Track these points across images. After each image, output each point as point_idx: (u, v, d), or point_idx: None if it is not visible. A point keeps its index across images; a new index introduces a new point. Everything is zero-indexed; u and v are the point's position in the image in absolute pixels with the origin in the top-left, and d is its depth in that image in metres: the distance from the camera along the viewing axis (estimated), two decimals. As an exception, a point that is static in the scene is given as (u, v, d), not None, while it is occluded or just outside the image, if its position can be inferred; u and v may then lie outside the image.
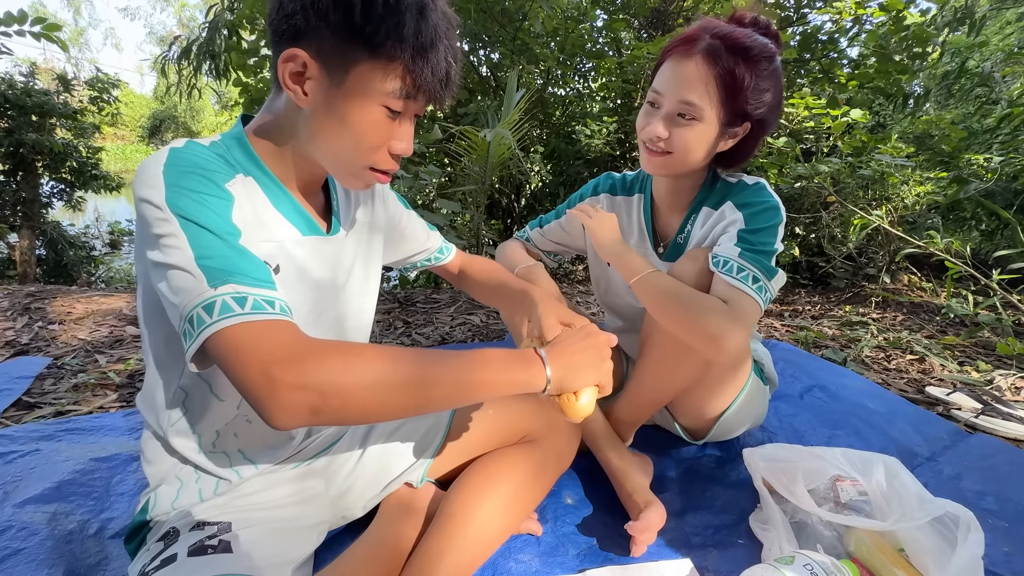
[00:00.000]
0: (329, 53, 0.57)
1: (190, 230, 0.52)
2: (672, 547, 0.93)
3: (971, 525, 0.78)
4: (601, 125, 3.76)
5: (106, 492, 0.98)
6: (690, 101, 0.84)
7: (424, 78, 0.58)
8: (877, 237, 3.03)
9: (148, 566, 0.60)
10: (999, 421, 1.49)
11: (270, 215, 0.65)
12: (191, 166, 0.56)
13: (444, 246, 1.00)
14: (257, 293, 0.52)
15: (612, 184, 1.14)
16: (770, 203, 0.92)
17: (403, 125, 0.63)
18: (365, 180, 0.65)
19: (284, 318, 0.52)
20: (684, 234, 1.01)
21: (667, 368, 0.99)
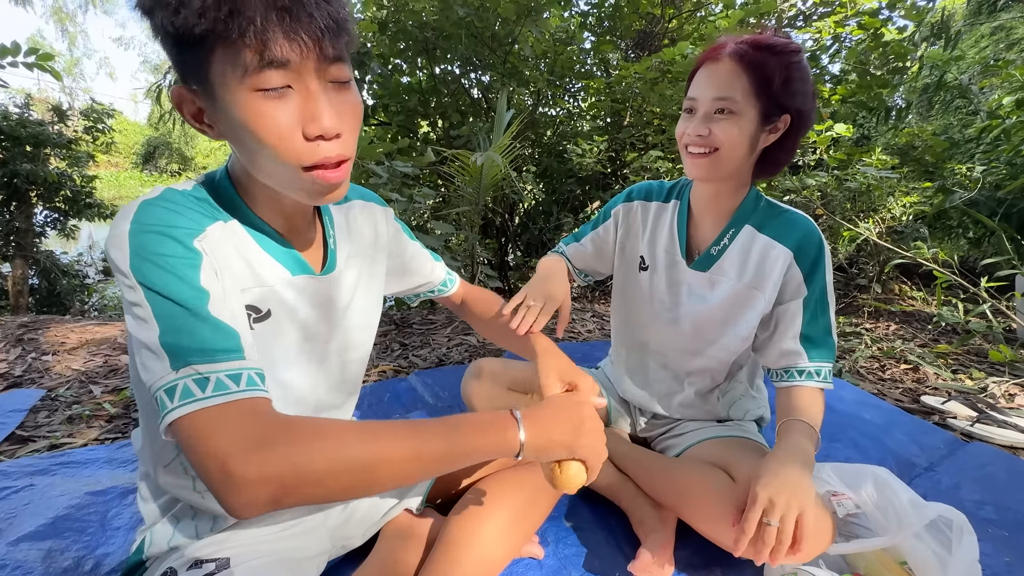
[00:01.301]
0: (188, 74, 0.51)
1: (154, 301, 0.51)
2: (676, 567, 0.92)
3: (964, 528, 0.78)
4: (592, 144, 3.82)
5: (101, 527, 0.97)
6: (724, 96, 0.86)
7: (246, 31, 0.47)
8: (867, 248, 3.07)
9: None
10: (994, 429, 1.50)
11: (257, 257, 0.63)
12: (157, 224, 0.53)
13: (448, 278, 0.99)
14: (221, 370, 0.50)
15: (648, 190, 1.11)
16: (827, 258, 0.95)
17: (302, 101, 0.52)
18: (314, 188, 0.56)
19: (248, 396, 0.50)
20: (719, 246, 1.00)
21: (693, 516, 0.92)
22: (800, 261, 0.93)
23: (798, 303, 0.94)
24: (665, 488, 0.97)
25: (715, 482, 0.88)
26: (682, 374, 1.09)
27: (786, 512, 0.73)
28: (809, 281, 0.93)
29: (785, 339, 0.96)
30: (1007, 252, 2.34)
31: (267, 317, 0.65)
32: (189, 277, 0.52)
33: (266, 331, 0.65)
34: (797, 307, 0.94)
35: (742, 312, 0.99)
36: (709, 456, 0.97)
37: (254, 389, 0.51)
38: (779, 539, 0.72)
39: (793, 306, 0.95)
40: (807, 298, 0.94)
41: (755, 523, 0.74)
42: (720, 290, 1.00)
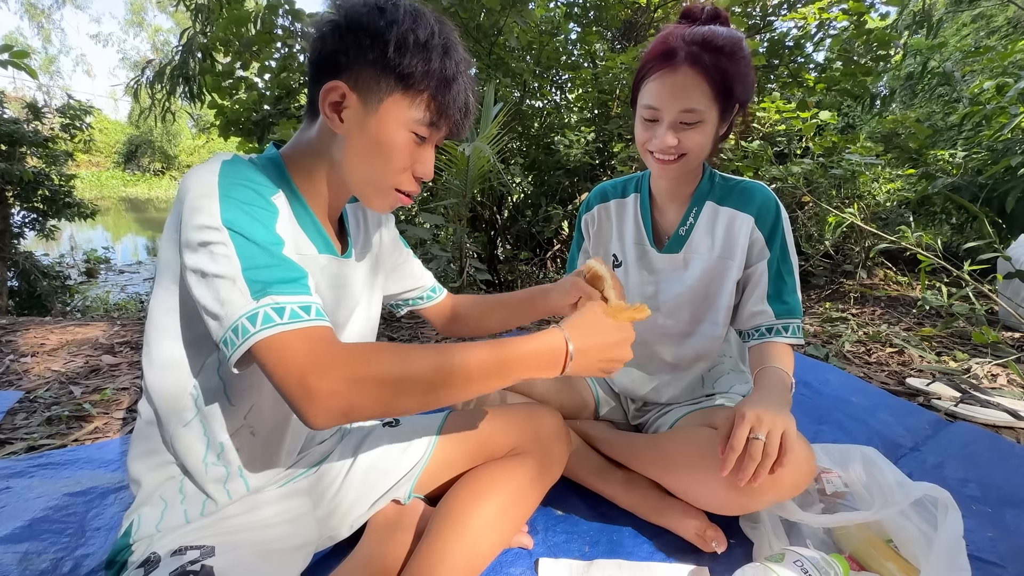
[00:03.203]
0: (365, 84, 0.64)
1: (238, 242, 0.56)
2: (665, 551, 0.92)
3: (948, 506, 0.79)
4: (579, 135, 3.81)
5: (81, 528, 0.95)
6: (691, 108, 0.87)
7: (447, 108, 0.66)
8: (852, 234, 3.10)
9: None
10: (977, 409, 1.52)
11: (295, 232, 0.69)
12: (243, 179, 0.61)
13: (436, 285, 1.03)
14: (295, 301, 0.56)
15: (603, 192, 1.13)
16: (785, 220, 0.97)
17: (426, 151, 0.69)
18: (390, 200, 0.71)
19: (317, 323, 0.56)
20: (686, 226, 1.02)
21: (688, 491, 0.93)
22: (760, 225, 0.97)
23: (763, 265, 0.98)
24: (652, 459, 0.98)
25: (699, 435, 0.90)
26: (672, 360, 1.09)
27: (772, 428, 0.74)
28: (770, 243, 0.97)
29: (752, 300, 0.99)
30: (989, 236, 2.37)
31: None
32: (269, 225, 0.60)
33: None
34: (763, 268, 0.98)
35: (720, 284, 1.01)
36: (698, 421, 0.98)
37: (321, 319, 0.57)
38: (765, 452, 0.73)
39: (759, 268, 0.98)
40: (770, 259, 0.97)
41: (743, 439, 0.74)
42: (694, 267, 1.02)
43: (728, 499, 0.84)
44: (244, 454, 0.72)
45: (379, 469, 0.87)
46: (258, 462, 0.74)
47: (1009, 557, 0.92)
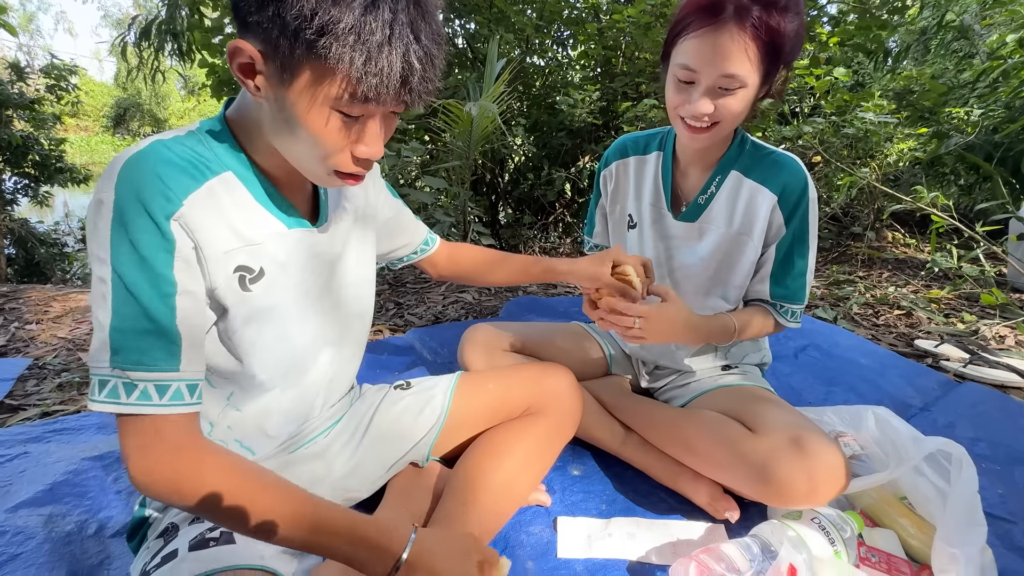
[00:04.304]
0: (275, 49, 0.50)
1: (117, 289, 0.52)
2: (682, 511, 0.94)
3: (963, 461, 0.79)
4: (583, 94, 3.68)
5: (102, 491, 0.96)
6: (732, 73, 0.78)
7: (371, 83, 0.49)
8: (862, 196, 3.05)
9: (149, 564, 0.59)
10: (986, 370, 1.53)
11: (251, 211, 0.61)
12: (139, 194, 0.52)
13: (429, 236, 0.98)
14: (151, 379, 0.53)
15: (622, 147, 1.07)
16: (811, 201, 0.93)
17: (368, 127, 0.56)
18: (331, 183, 0.61)
19: (164, 412, 0.53)
20: (707, 195, 0.97)
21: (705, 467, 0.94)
22: (782, 205, 0.92)
23: (775, 246, 0.95)
24: (672, 439, 0.97)
25: (726, 432, 0.88)
26: None
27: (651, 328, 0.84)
28: (788, 223, 0.93)
29: (756, 278, 0.98)
30: (1003, 196, 2.33)
31: (261, 276, 0.62)
32: (159, 268, 0.53)
33: (263, 290, 0.63)
34: (773, 249, 0.95)
35: (735, 260, 0.98)
36: (719, 406, 0.96)
37: (175, 405, 0.54)
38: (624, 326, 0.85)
39: (772, 250, 0.95)
40: (782, 240, 0.94)
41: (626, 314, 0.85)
42: (709, 240, 0.98)
43: (758, 497, 0.83)
44: (237, 431, 0.70)
45: (396, 432, 0.87)
46: (251, 437, 0.72)
47: (1019, 513, 0.94)
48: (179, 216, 0.54)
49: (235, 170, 0.60)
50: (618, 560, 0.82)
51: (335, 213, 0.73)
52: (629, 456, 1.03)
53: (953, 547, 0.73)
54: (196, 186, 0.56)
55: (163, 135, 0.57)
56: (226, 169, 0.59)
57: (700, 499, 0.92)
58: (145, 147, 0.54)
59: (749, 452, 0.81)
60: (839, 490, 0.77)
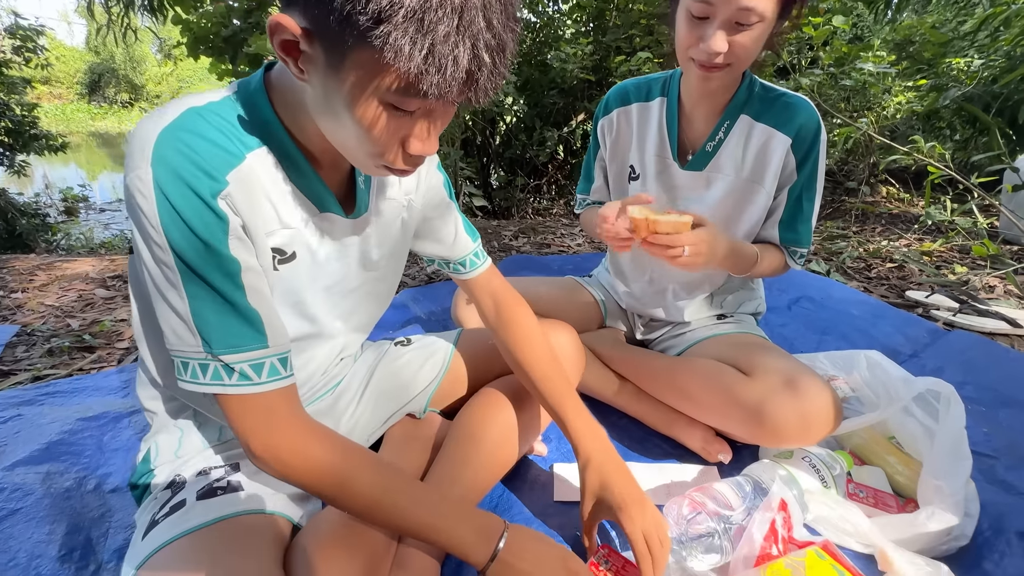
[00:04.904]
0: (325, 30, 0.43)
1: (185, 274, 0.50)
2: (676, 455, 0.95)
3: (951, 399, 0.80)
4: (575, 48, 3.56)
5: (99, 449, 0.96)
6: (750, 6, 0.74)
7: (432, 80, 0.42)
8: (857, 150, 3.01)
9: (158, 514, 0.59)
10: (975, 318, 1.55)
11: (287, 193, 0.57)
12: (183, 174, 0.48)
13: (470, 259, 0.81)
14: (245, 360, 0.53)
15: (623, 93, 1.02)
16: (822, 144, 0.91)
17: (420, 122, 0.49)
18: (379, 173, 0.55)
19: (266, 389, 0.54)
20: (715, 142, 0.93)
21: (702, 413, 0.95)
22: (796, 148, 0.90)
23: (786, 191, 0.93)
24: (668, 388, 0.98)
25: (721, 377, 0.89)
26: (682, 280, 1.07)
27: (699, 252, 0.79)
28: (801, 167, 0.91)
29: (766, 225, 0.96)
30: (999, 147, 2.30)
31: (292, 259, 0.60)
32: (218, 248, 0.50)
33: (290, 272, 0.61)
34: (784, 195, 0.93)
35: (743, 208, 0.95)
36: (713, 353, 0.97)
37: (275, 380, 0.54)
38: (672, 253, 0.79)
39: (784, 195, 0.93)
40: (794, 185, 0.92)
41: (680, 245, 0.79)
42: (717, 189, 0.96)
43: (752, 438, 0.85)
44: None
45: (396, 385, 0.87)
46: None
47: (1002, 450, 0.96)
48: (226, 195, 0.50)
49: (271, 146, 0.55)
50: (613, 502, 0.84)
51: (376, 205, 0.68)
52: (624, 405, 1.04)
53: (939, 479, 0.75)
54: (236, 162, 0.51)
55: (195, 100, 0.52)
56: (262, 144, 0.54)
57: (694, 443, 0.94)
58: (178, 118, 0.49)
59: (743, 395, 0.82)
60: (831, 429, 0.79)
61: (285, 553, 0.59)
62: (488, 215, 3.36)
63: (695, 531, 0.71)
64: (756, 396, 0.81)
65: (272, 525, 0.59)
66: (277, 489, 0.65)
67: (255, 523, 0.58)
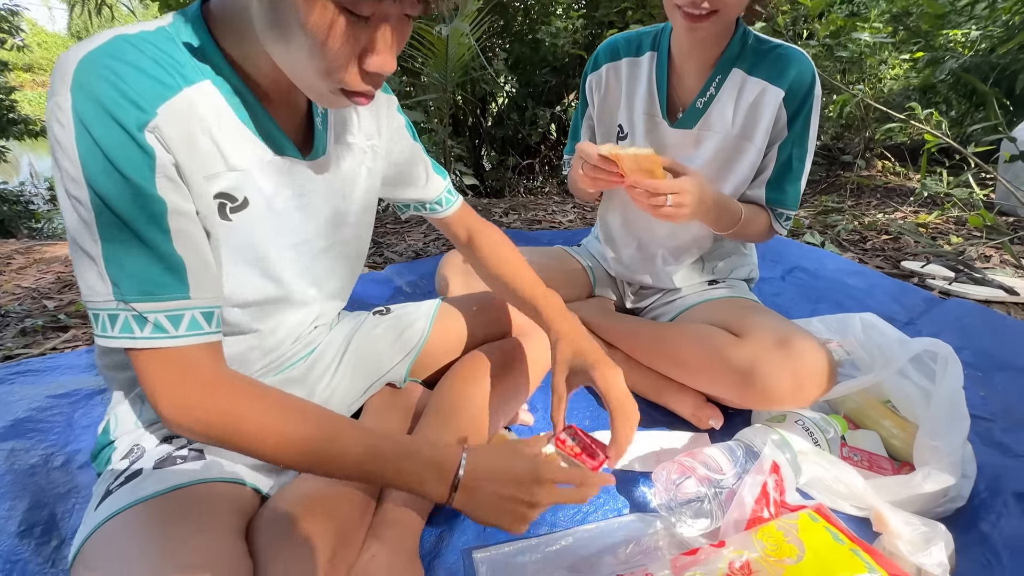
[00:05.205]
0: None
1: (100, 211, 0.45)
2: (666, 422, 0.93)
3: (949, 359, 0.78)
4: (566, 22, 3.48)
5: (69, 426, 0.92)
6: None
7: None
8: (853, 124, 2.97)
9: (112, 484, 0.55)
10: (970, 287, 1.52)
11: (233, 131, 0.52)
12: (104, 101, 0.43)
13: (444, 196, 0.81)
14: (161, 309, 0.48)
15: (613, 48, 0.97)
16: (816, 98, 0.87)
17: (379, 32, 0.46)
18: (338, 102, 0.51)
19: (183, 343, 0.49)
20: (705, 97, 0.89)
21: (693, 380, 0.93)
22: (788, 102, 0.86)
23: (776, 148, 0.89)
24: (657, 354, 0.95)
25: (711, 339, 0.86)
26: (671, 244, 1.03)
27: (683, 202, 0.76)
28: (792, 122, 0.87)
29: (752, 184, 0.92)
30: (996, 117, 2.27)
31: (244, 206, 0.55)
32: (142, 186, 0.46)
33: (245, 222, 0.56)
34: (774, 152, 0.89)
35: (731, 167, 0.92)
36: (704, 317, 0.94)
37: (195, 334, 0.49)
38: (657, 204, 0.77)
39: (774, 152, 0.90)
40: (784, 141, 0.88)
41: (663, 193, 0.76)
42: (707, 147, 0.92)
43: (744, 401, 0.83)
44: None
45: (374, 354, 0.83)
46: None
47: (999, 413, 0.94)
48: (154, 127, 0.45)
49: (215, 80, 0.50)
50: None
51: (335, 147, 0.64)
52: None
53: (935, 440, 0.73)
54: (170, 94, 0.47)
55: (126, 28, 0.47)
56: (204, 78, 0.49)
57: (684, 410, 0.91)
58: (105, 43, 0.45)
59: (734, 356, 0.79)
60: (825, 389, 0.76)
61: (250, 524, 0.55)
62: (479, 194, 3.31)
63: (684, 496, 0.69)
64: (747, 357, 0.78)
65: (234, 494, 0.56)
66: (244, 457, 0.62)
67: (214, 492, 0.54)
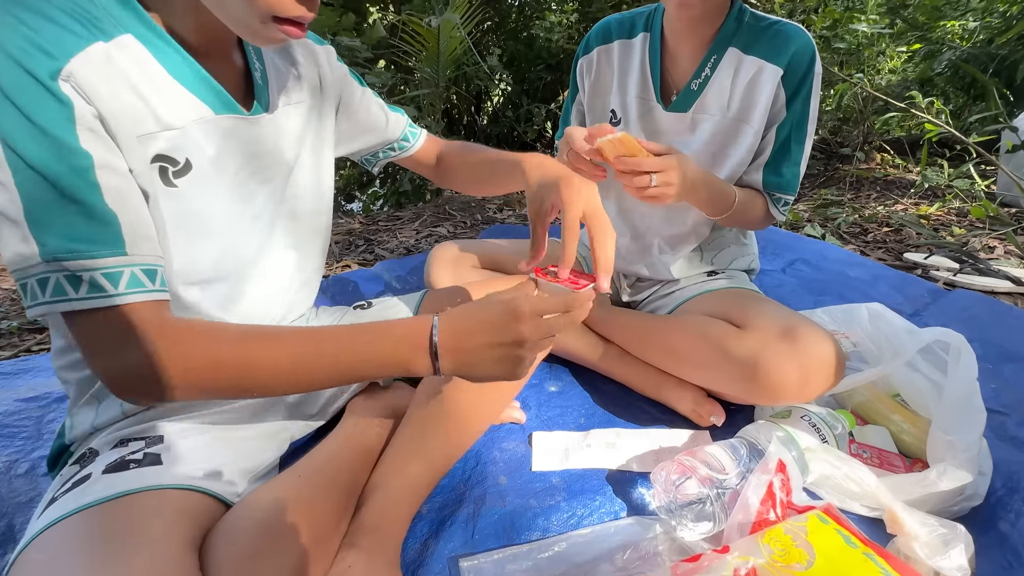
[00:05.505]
0: None
1: (16, 167, 0.41)
2: (664, 420, 0.88)
3: (962, 349, 0.74)
4: (560, 16, 3.44)
5: (37, 432, 0.87)
6: None
7: None
8: (852, 117, 2.94)
9: (58, 491, 0.51)
10: (975, 277, 1.49)
11: (164, 88, 0.49)
12: (4, 47, 0.40)
13: (409, 131, 0.82)
14: (97, 267, 0.43)
15: (606, 29, 0.93)
16: (816, 76, 0.82)
17: None
18: (269, 35, 0.48)
19: (126, 301, 0.45)
20: (700, 79, 0.85)
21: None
22: (787, 80, 0.81)
23: (774, 130, 0.85)
24: (653, 346, 0.91)
25: (711, 331, 0.81)
26: (666, 233, 0.99)
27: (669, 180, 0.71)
28: (791, 102, 0.83)
29: (749, 168, 0.88)
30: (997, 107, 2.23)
31: (188, 169, 0.51)
32: (63, 138, 0.42)
33: (191, 187, 0.52)
34: (772, 134, 0.85)
35: (727, 150, 0.88)
36: (704, 309, 0.89)
37: (137, 291, 0.45)
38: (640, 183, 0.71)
39: (772, 134, 0.85)
40: (783, 123, 0.84)
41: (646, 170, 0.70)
42: (702, 131, 0.88)
43: (747, 396, 0.79)
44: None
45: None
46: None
47: (1012, 405, 0.90)
48: (67, 75, 0.42)
49: (137, 33, 0.47)
50: (596, 470, 0.77)
51: (280, 100, 0.61)
52: (608, 369, 0.97)
53: (950, 434, 0.68)
54: (84, 44, 0.43)
55: None
56: (124, 31, 0.46)
57: (684, 406, 0.87)
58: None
59: (736, 348, 0.75)
60: (834, 382, 0.72)
61: (208, 536, 0.50)
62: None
63: (684, 498, 0.65)
64: (750, 349, 0.74)
65: (188, 503, 0.51)
66: (209, 461, 0.58)
67: (164, 501, 0.49)
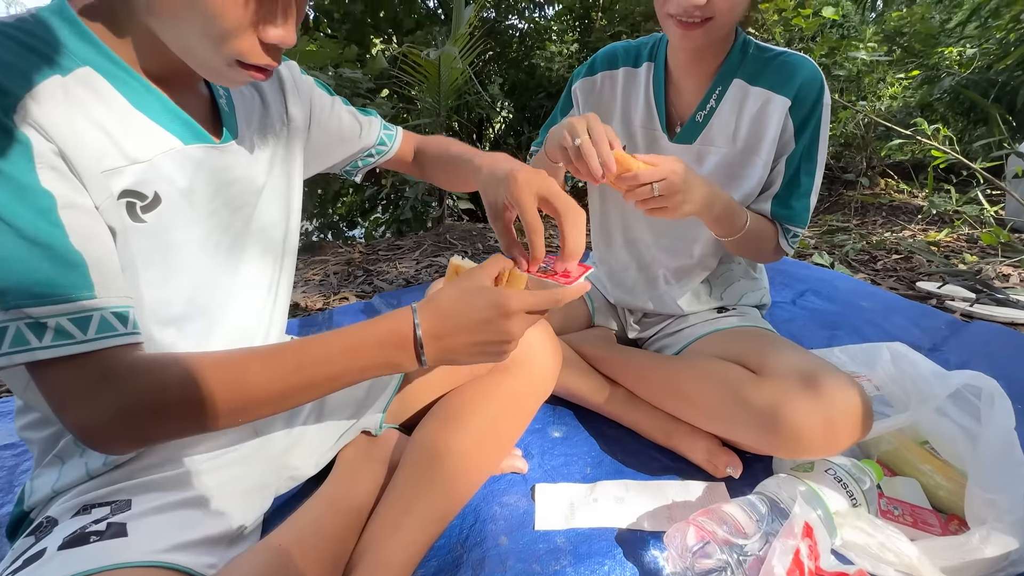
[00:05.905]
0: None
1: None
2: (677, 470, 0.83)
3: (995, 394, 0.69)
4: (560, 47, 3.49)
5: (9, 483, 0.83)
6: None
7: None
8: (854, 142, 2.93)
9: (7, 569, 0.46)
10: (994, 308, 1.43)
11: (129, 120, 0.47)
12: None
13: (384, 135, 0.80)
14: (62, 313, 0.41)
15: (612, 56, 0.92)
16: (825, 108, 0.80)
17: (278, 1, 0.44)
18: (234, 77, 0.47)
19: (98, 346, 0.42)
20: (706, 111, 0.84)
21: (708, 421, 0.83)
22: (795, 112, 0.79)
23: (783, 161, 0.82)
24: (664, 390, 0.86)
25: (726, 376, 0.76)
26: (673, 267, 0.95)
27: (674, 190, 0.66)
28: (800, 133, 0.80)
29: (758, 199, 0.85)
30: (1000, 133, 2.22)
31: (157, 203, 0.49)
32: (21, 178, 0.40)
33: (161, 221, 0.49)
34: (781, 165, 0.82)
35: (736, 183, 0.85)
36: (716, 350, 0.84)
37: (111, 336, 0.43)
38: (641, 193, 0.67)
39: (781, 165, 0.83)
40: (792, 155, 0.81)
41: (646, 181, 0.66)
42: (709, 163, 0.85)
43: (766, 448, 0.73)
44: None
45: (344, 398, 0.75)
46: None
47: (1048, 452, 0.84)
48: (23, 111, 0.40)
49: (96, 65, 0.45)
50: (605, 529, 0.71)
51: (248, 126, 0.59)
52: (616, 413, 0.91)
53: (990, 492, 0.63)
54: (39, 79, 0.41)
55: None
56: (82, 64, 0.44)
57: (697, 456, 0.81)
58: None
59: (754, 397, 0.70)
60: (861, 435, 0.67)
61: None
62: (475, 219, 3.25)
63: (703, 566, 0.59)
64: (769, 397, 0.69)
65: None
66: (181, 527, 0.52)
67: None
